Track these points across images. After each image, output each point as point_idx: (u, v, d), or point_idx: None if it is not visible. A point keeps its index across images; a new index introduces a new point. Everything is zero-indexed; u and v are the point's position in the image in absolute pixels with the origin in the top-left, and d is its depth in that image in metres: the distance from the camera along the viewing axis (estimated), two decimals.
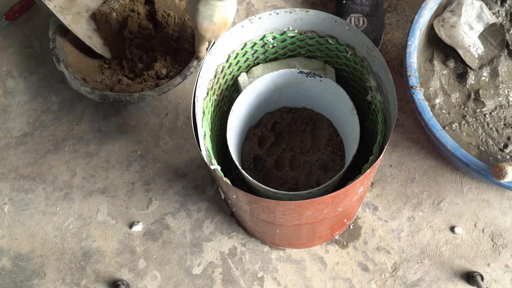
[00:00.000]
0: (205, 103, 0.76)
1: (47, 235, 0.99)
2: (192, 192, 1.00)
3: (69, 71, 0.98)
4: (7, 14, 1.15)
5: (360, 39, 0.75)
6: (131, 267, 0.96)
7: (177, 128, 1.05)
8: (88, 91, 0.96)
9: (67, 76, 0.97)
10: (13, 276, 0.97)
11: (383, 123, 0.74)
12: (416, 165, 0.99)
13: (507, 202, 0.96)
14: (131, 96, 0.95)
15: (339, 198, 0.68)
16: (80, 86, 0.96)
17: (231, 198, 0.75)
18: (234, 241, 0.97)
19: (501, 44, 0.95)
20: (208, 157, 0.72)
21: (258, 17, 0.76)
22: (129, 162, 1.03)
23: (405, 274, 0.93)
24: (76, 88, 0.96)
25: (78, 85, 0.96)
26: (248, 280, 0.94)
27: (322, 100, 0.86)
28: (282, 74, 0.80)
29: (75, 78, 0.97)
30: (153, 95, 0.95)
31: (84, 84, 0.97)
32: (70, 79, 0.97)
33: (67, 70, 0.97)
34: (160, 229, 0.98)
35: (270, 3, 1.14)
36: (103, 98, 0.95)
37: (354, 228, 0.96)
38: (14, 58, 1.13)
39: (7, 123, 1.08)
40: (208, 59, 0.75)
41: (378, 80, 0.76)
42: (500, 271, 0.92)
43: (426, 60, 0.95)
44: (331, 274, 0.94)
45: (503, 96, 0.92)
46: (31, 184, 1.03)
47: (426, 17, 0.91)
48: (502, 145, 0.89)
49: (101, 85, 0.99)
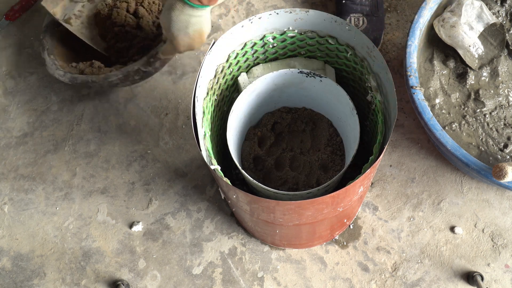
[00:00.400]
0: (205, 103, 0.76)
1: (47, 235, 0.99)
2: (192, 192, 1.00)
3: (51, 58, 1.02)
4: (7, 14, 1.15)
5: (360, 39, 0.75)
6: (131, 267, 0.96)
7: (177, 128, 1.05)
8: (60, 74, 1.00)
9: (47, 61, 1.02)
10: (13, 276, 0.97)
11: (383, 123, 0.74)
12: (416, 165, 0.99)
13: (507, 202, 0.96)
14: (97, 77, 0.97)
15: (339, 198, 0.68)
16: (55, 70, 1.00)
17: (231, 198, 0.75)
18: (234, 241, 0.97)
19: (501, 44, 0.95)
20: (208, 157, 0.72)
21: (258, 17, 0.76)
22: (129, 162, 1.03)
23: (405, 274, 0.93)
24: (52, 72, 1.01)
25: (54, 69, 1.01)
26: (248, 280, 0.94)
27: (322, 100, 0.86)
28: (282, 74, 0.80)
29: (53, 64, 1.01)
30: (118, 75, 0.95)
31: (59, 68, 1.01)
32: (49, 64, 1.01)
33: (48, 57, 1.02)
34: (160, 229, 0.98)
35: (270, 3, 1.14)
36: (72, 80, 0.99)
37: (354, 228, 0.96)
38: (14, 58, 1.13)
39: (7, 123, 1.08)
40: (208, 59, 0.75)
41: (378, 80, 0.76)
42: (500, 271, 0.92)
43: (426, 60, 0.95)
44: (331, 274, 0.94)
45: (503, 96, 0.92)
46: (31, 184, 1.03)
47: (426, 17, 0.91)
48: (502, 145, 0.89)
49: (75, 69, 1.03)
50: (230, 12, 1.14)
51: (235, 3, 1.15)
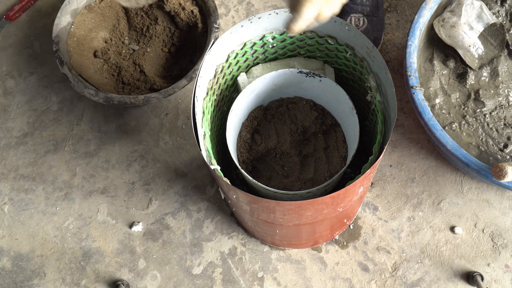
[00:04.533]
0: (205, 103, 0.76)
1: (47, 235, 0.99)
2: (192, 192, 1.00)
3: (73, 73, 0.98)
4: (7, 14, 1.15)
5: (359, 39, 0.75)
6: (131, 267, 0.96)
7: (177, 128, 1.05)
8: (92, 94, 0.96)
9: (71, 78, 0.98)
10: (13, 276, 0.97)
11: (383, 123, 0.74)
12: (416, 165, 0.99)
13: (507, 202, 0.96)
14: (136, 99, 0.95)
15: (339, 198, 0.68)
16: (84, 89, 0.97)
17: (231, 198, 0.75)
18: (234, 241, 0.97)
19: (501, 44, 0.95)
20: (208, 157, 0.72)
21: (258, 17, 0.76)
22: (129, 162, 1.03)
23: (405, 274, 0.93)
24: (80, 91, 0.97)
25: (81, 88, 0.97)
26: (248, 280, 0.94)
27: (321, 100, 0.86)
28: (281, 74, 0.80)
29: (79, 81, 0.98)
30: (158, 97, 0.95)
31: (88, 86, 0.97)
32: (74, 81, 0.98)
33: (70, 73, 0.98)
34: (160, 229, 0.98)
35: (270, 3, 1.14)
36: (107, 101, 0.96)
37: (354, 228, 0.96)
38: (14, 58, 1.13)
39: (7, 123, 1.08)
40: (208, 59, 0.75)
41: (378, 80, 0.76)
42: (500, 271, 0.92)
43: (426, 60, 0.95)
44: (331, 274, 0.94)
45: (503, 96, 0.92)
46: (31, 184, 1.03)
47: (426, 17, 0.91)
48: (502, 145, 0.89)
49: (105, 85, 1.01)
50: (230, 12, 1.14)
51: (235, 3, 1.15)
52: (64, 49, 1.01)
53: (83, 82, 0.98)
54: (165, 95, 0.95)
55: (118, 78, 1.04)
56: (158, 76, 1.05)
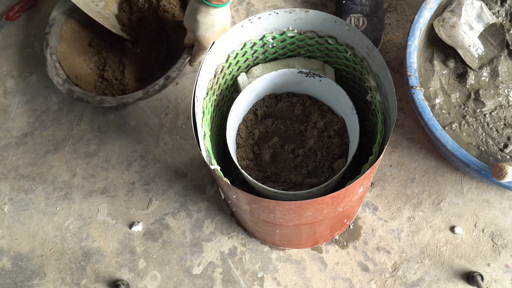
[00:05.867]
0: (205, 103, 0.76)
1: (47, 235, 0.99)
2: (192, 192, 1.00)
3: (52, 58, 1.00)
4: (7, 14, 1.15)
5: (359, 39, 0.75)
6: (131, 267, 0.96)
7: (177, 128, 1.05)
8: (59, 82, 0.98)
9: (48, 63, 1.00)
10: (13, 276, 0.97)
11: (383, 123, 0.74)
12: (416, 165, 0.99)
13: (507, 202, 0.96)
14: (93, 98, 0.97)
15: (339, 199, 0.68)
16: (55, 76, 0.99)
17: (231, 198, 0.75)
18: (234, 241, 0.97)
19: (501, 44, 0.95)
20: (208, 157, 0.72)
21: (258, 17, 0.76)
22: (129, 162, 1.03)
23: (405, 274, 0.93)
24: (51, 77, 0.99)
25: (53, 74, 0.99)
26: (248, 280, 0.94)
27: (321, 100, 0.86)
28: (281, 74, 0.80)
29: (54, 67, 1.00)
30: (112, 102, 0.96)
31: (60, 75, 0.99)
32: (50, 66, 1.00)
33: (50, 57, 1.01)
34: (160, 229, 0.98)
35: (270, 3, 1.14)
36: (69, 93, 0.97)
37: (354, 228, 0.96)
38: (14, 58, 1.13)
39: (7, 123, 1.08)
40: (208, 59, 0.75)
41: (378, 80, 0.76)
42: (500, 271, 0.92)
43: (426, 60, 0.95)
44: (331, 274, 0.94)
45: (503, 96, 0.92)
46: (31, 184, 1.03)
47: (426, 17, 0.91)
48: (502, 145, 0.89)
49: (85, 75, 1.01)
50: (230, 12, 1.14)
51: (235, 3, 1.15)
52: (56, 33, 1.03)
53: (58, 69, 0.99)
54: (118, 102, 0.96)
55: (101, 73, 1.05)
56: (137, 79, 1.04)
